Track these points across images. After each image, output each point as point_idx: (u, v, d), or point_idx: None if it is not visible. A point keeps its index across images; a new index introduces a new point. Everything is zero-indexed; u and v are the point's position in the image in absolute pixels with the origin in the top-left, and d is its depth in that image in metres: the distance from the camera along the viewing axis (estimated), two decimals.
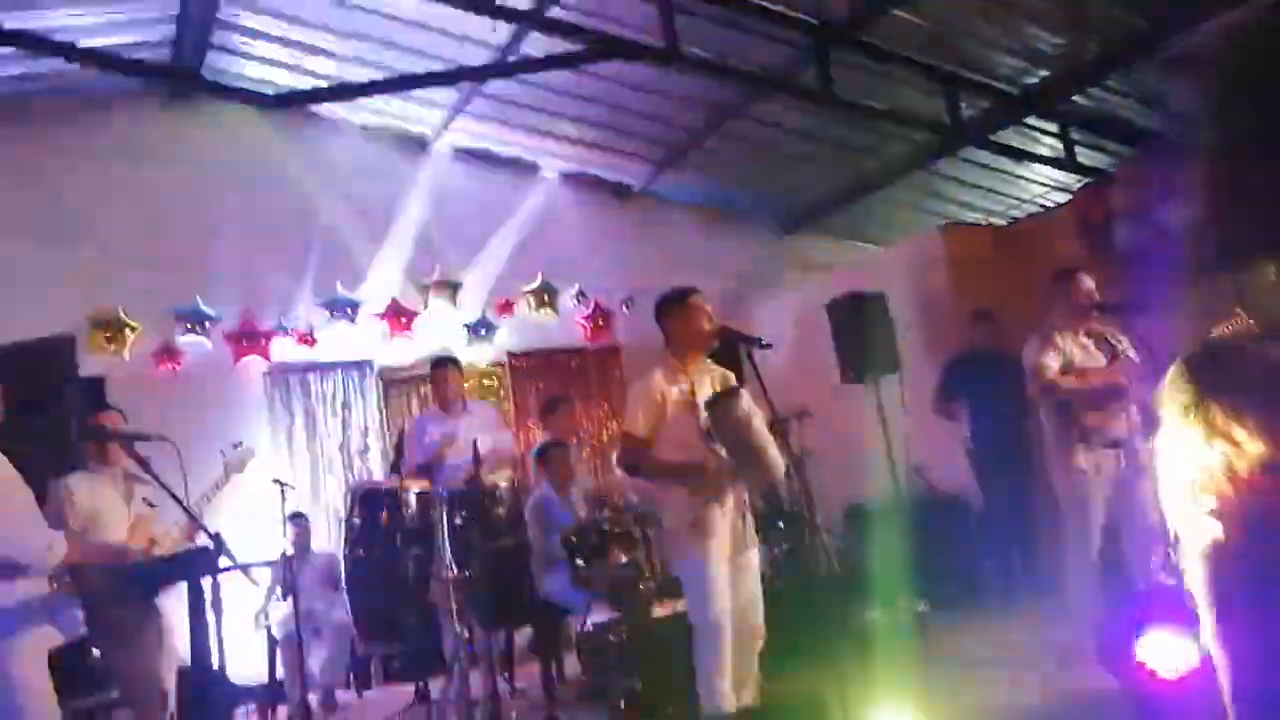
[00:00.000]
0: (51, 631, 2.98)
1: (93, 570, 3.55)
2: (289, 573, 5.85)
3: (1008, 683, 4.35)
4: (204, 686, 3.81)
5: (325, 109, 7.91)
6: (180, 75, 6.76)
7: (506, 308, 8.45)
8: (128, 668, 3.67)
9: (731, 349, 3.86)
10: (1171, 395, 1.43)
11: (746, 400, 3.42)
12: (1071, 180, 8.36)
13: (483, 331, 8.32)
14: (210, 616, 3.62)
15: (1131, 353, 4.55)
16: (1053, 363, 4.50)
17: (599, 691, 4.95)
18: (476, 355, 8.27)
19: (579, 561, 5.13)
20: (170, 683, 3.95)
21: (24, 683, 2.79)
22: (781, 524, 5.92)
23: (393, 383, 7.87)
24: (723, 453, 3.53)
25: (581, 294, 8.77)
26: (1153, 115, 7.47)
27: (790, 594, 5.15)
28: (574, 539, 5.17)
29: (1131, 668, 3.43)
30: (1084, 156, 7.93)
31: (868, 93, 7.13)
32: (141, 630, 3.75)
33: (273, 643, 6.20)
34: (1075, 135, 7.76)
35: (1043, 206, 9.09)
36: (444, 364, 5.76)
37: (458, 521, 4.93)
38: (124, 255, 6.91)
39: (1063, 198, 8.69)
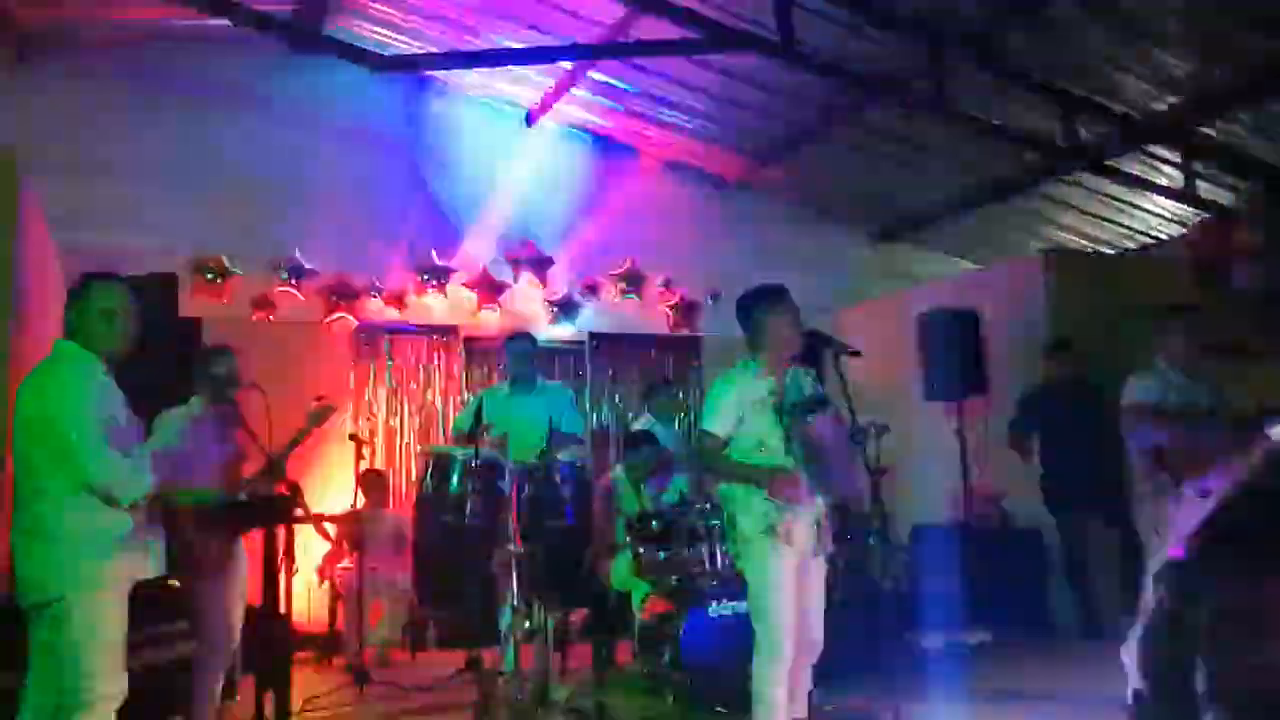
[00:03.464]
0: (140, 560, 3.07)
1: (183, 506, 3.68)
2: (358, 529, 5.99)
3: None
4: (269, 629, 3.93)
5: (436, 74, 8.03)
6: (301, 30, 6.90)
7: (593, 289, 8.48)
8: (202, 603, 3.79)
9: (815, 353, 3.77)
10: None
11: (831, 410, 3.35)
12: (1188, 214, 8.03)
13: (567, 309, 8.36)
14: (281, 563, 3.74)
15: (1236, 401, 4.36)
16: (1149, 403, 4.33)
17: (650, 681, 4.96)
18: (559, 333, 8.32)
19: (640, 550, 5.15)
20: (239, 621, 4.07)
21: (106, 609, 2.88)
22: (850, 537, 5.82)
23: (476, 352, 7.96)
24: (801, 458, 3.47)
25: (668, 282, 8.74)
26: None
27: (852, 609, 5.07)
28: (638, 526, 5.19)
29: None
30: (1205, 190, 7.59)
31: (981, 106, 6.94)
32: (221, 568, 3.87)
33: (335, 595, 6.34)
34: (1198, 167, 7.43)
35: (1155, 239, 8.74)
36: (520, 340, 5.77)
37: (525, 496, 4.96)
38: (230, 201, 7.10)
39: (1176, 231, 8.37)
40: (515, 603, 5.10)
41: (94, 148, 6.69)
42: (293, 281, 7.40)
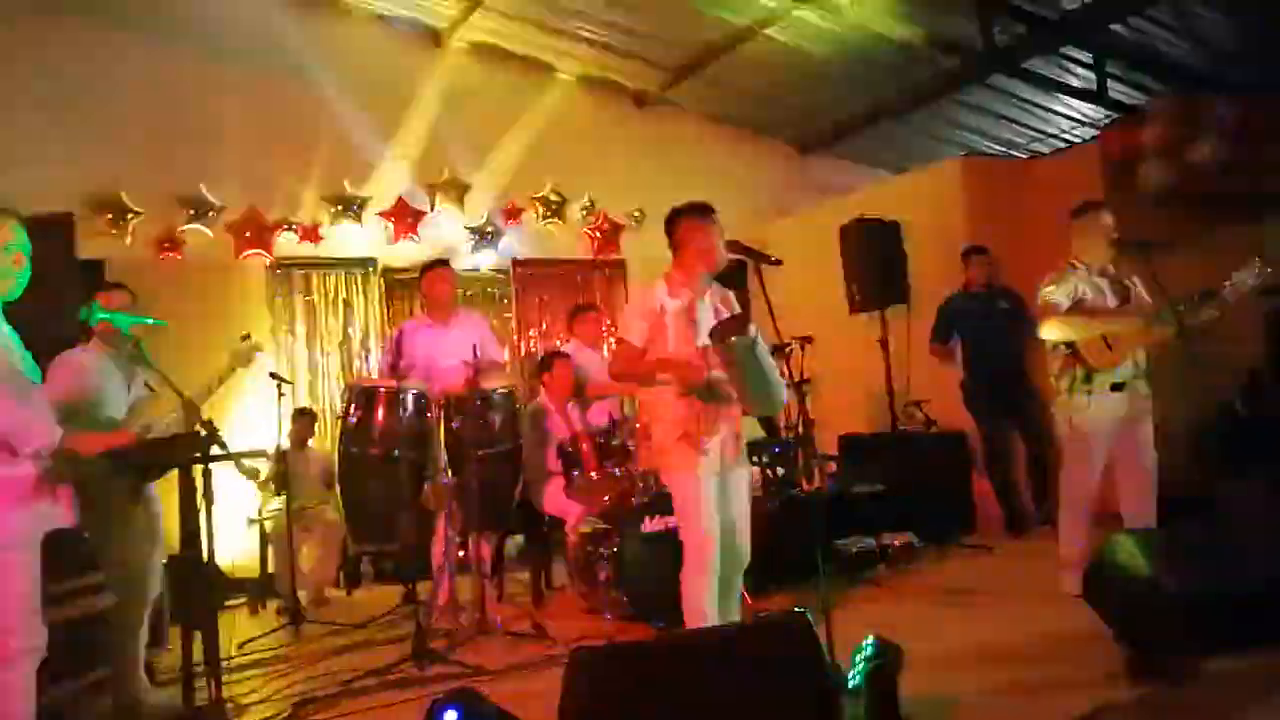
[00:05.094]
0: (47, 511, 2.95)
1: (86, 452, 3.54)
2: (283, 467, 5.89)
3: (989, 617, 4.37)
4: (193, 575, 3.84)
5: None
6: None
7: (514, 214, 8.31)
8: (115, 552, 3.67)
9: (740, 266, 3.76)
10: None
11: (753, 328, 3.33)
12: (1100, 116, 8.12)
13: (489, 236, 8.20)
14: (201, 506, 3.63)
15: (1145, 294, 4.46)
16: (1064, 301, 4.41)
17: (588, 602, 5.01)
18: (482, 261, 8.17)
19: (573, 473, 5.16)
20: (158, 568, 3.97)
21: (15, 562, 2.77)
22: (777, 447, 5.90)
23: (395, 283, 7.79)
24: (720, 374, 3.47)
25: (591, 204, 8.61)
26: (1192, 51, 7.21)
27: (781, 516, 5.17)
28: (568, 450, 5.19)
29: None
30: (1116, 91, 7.67)
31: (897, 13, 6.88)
32: (130, 515, 3.75)
33: (264, 536, 6.25)
34: (1110, 68, 7.49)
35: (1067, 142, 8.85)
36: (435, 266, 5.63)
37: (454, 426, 4.93)
38: (127, 137, 6.75)
39: (1088, 134, 8.46)
40: (449, 533, 5.12)
41: None
42: (200, 218, 7.10)
